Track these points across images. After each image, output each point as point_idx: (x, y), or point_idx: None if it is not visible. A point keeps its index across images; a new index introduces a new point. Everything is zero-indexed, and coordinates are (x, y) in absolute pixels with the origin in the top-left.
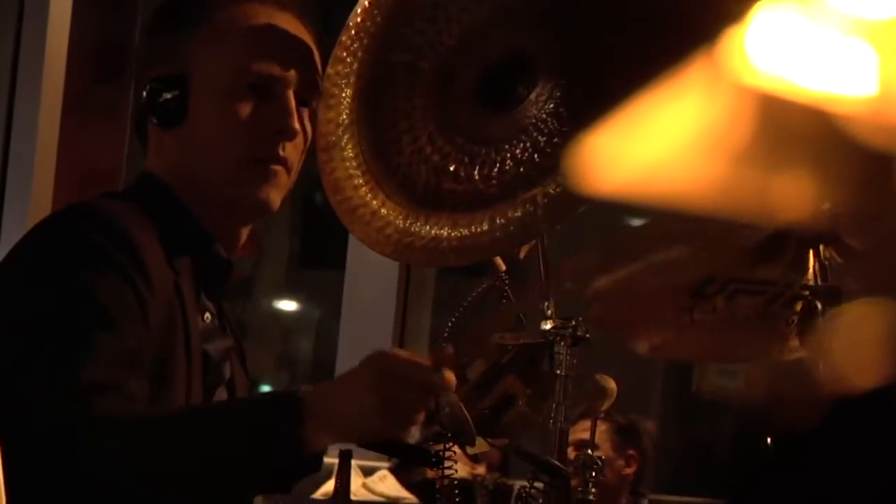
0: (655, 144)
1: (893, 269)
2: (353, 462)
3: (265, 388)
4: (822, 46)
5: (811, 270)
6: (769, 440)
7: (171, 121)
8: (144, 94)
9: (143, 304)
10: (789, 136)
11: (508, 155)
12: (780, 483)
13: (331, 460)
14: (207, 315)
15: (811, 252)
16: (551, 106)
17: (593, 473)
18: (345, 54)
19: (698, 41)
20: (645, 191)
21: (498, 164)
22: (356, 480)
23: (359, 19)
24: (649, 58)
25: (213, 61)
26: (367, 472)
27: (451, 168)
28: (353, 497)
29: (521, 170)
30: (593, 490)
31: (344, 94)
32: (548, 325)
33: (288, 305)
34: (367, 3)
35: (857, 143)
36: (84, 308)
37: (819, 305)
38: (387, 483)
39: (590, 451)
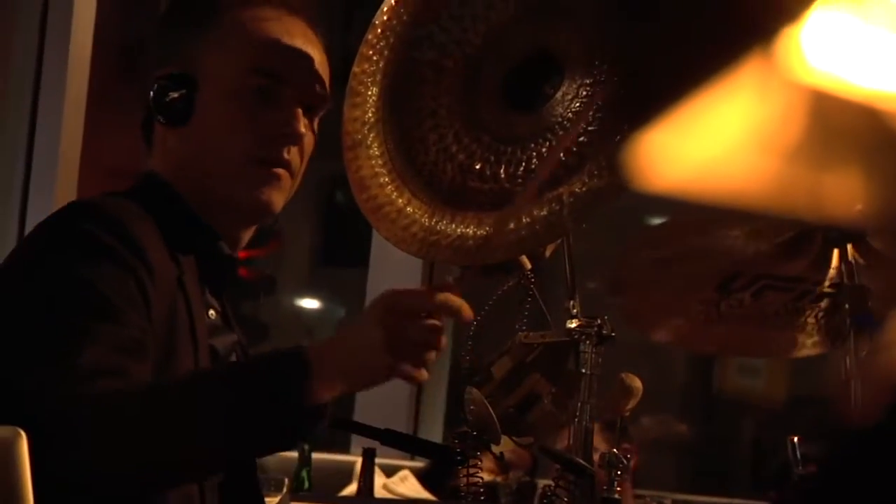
0: (710, 141)
1: None
2: (377, 462)
3: None
4: (875, 45)
5: (833, 269)
6: (795, 440)
7: (177, 120)
8: (151, 92)
9: (146, 296)
10: (841, 134)
11: (534, 154)
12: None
13: (354, 458)
14: (212, 312)
15: (836, 251)
16: (577, 105)
17: (618, 472)
18: (371, 52)
19: (753, 39)
20: (699, 187)
21: (524, 163)
22: (377, 480)
23: (385, 17)
24: (703, 55)
25: (220, 63)
26: (389, 471)
27: (477, 167)
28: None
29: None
30: (618, 488)
31: (370, 93)
32: (573, 324)
33: (310, 304)
34: (393, 1)
35: None
36: (86, 298)
37: (846, 304)
38: (408, 484)
39: (615, 450)
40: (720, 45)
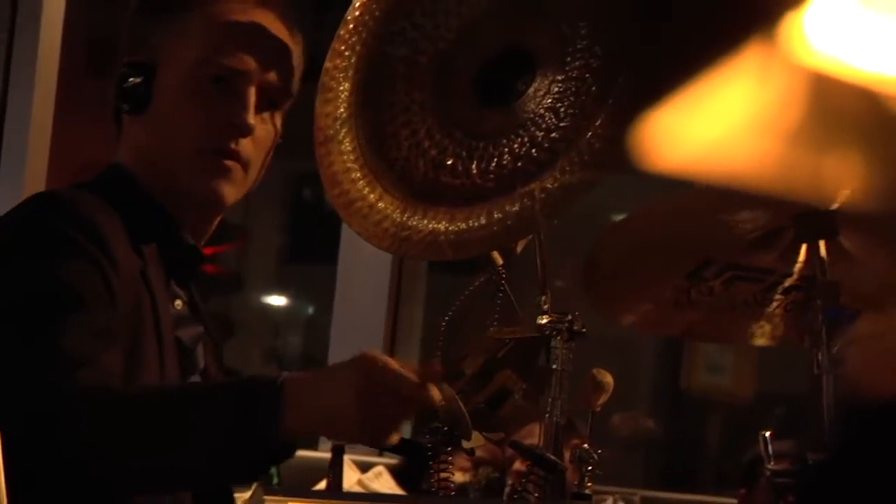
0: (712, 123)
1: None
2: (349, 457)
3: None
4: (877, 29)
5: (800, 262)
6: (767, 435)
7: (136, 107)
8: (116, 80)
9: (110, 287)
10: (841, 118)
11: (506, 149)
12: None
13: (324, 455)
14: (178, 302)
15: (805, 245)
16: (549, 101)
17: (589, 467)
18: (343, 48)
19: (755, 22)
20: (700, 168)
21: (496, 159)
22: (352, 476)
23: (357, 13)
24: (704, 39)
25: (179, 51)
26: (363, 466)
27: (449, 162)
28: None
29: (519, 164)
30: (589, 483)
31: (342, 88)
32: (544, 320)
33: (278, 301)
34: None
35: None
36: (53, 290)
37: (818, 300)
38: (382, 480)
39: (586, 445)
40: (723, 28)
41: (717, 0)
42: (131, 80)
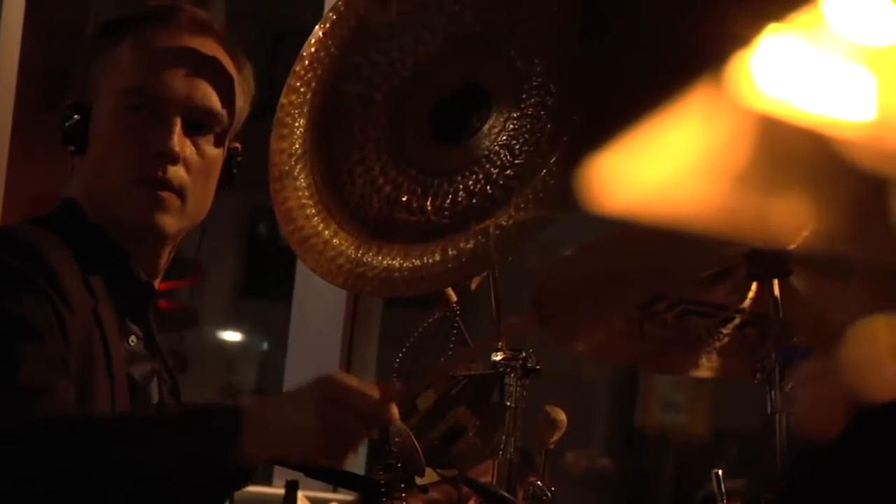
0: (658, 165)
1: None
2: (302, 493)
3: None
4: (823, 72)
5: (750, 299)
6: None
7: (78, 146)
8: (59, 120)
9: (62, 321)
10: (789, 160)
11: (461, 186)
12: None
13: (278, 491)
14: (133, 339)
15: (755, 284)
16: (504, 138)
17: None
18: (298, 84)
19: (703, 64)
20: (647, 210)
21: (451, 196)
22: None
23: (313, 49)
24: (651, 80)
25: (108, 85)
26: (317, 503)
27: (404, 199)
28: None
29: (474, 201)
30: None
31: (297, 124)
32: (498, 357)
33: (233, 336)
34: (321, 33)
35: (854, 168)
36: (5, 324)
37: (771, 338)
38: None
39: (539, 483)
40: (669, 70)
41: (666, 41)
42: (72, 118)
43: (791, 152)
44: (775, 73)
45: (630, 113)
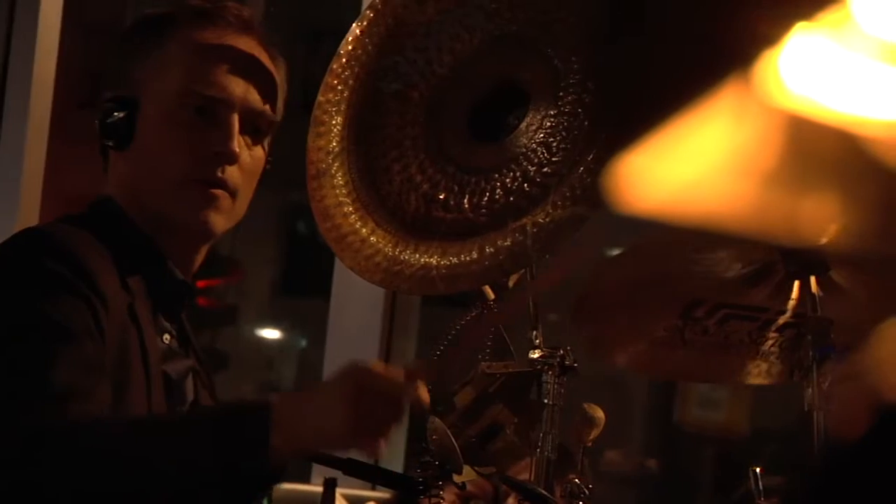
0: (688, 165)
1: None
2: (340, 492)
3: None
4: (852, 71)
5: (793, 300)
6: (757, 470)
7: (120, 142)
8: (99, 115)
9: (98, 322)
10: (817, 159)
11: (498, 184)
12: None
13: (316, 489)
14: (167, 336)
15: (797, 282)
16: (541, 136)
17: (580, 502)
18: (336, 82)
19: (732, 63)
20: (677, 210)
21: (488, 194)
22: None
23: (350, 47)
24: (680, 79)
25: (160, 84)
26: (353, 501)
27: (441, 197)
28: None
29: (511, 199)
30: None
31: (335, 122)
32: (536, 355)
33: (271, 334)
34: (358, 31)
35: (883, 167)
36: (41, 325)
37: (809, 336)
38: None
39: (577, 480)
40: (699, 69)
41: (694, 40)
42: (114, 114)
43: (819, 151)
44: (803, 72)
45: (659, 112)
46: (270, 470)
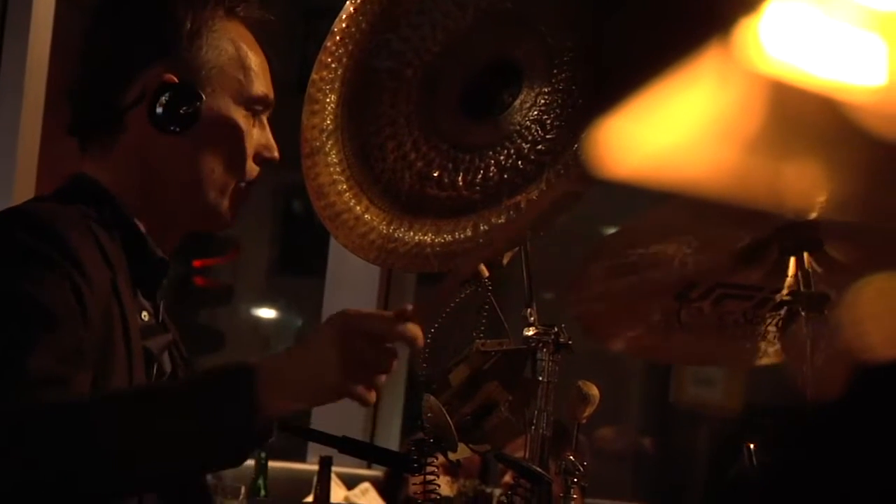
0: (670, 130)
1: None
2: (335, 471)
3: None
4: (833, 36)
5: (790, 277)
6: (752, 447)
7: (182, 126)
8: (144, 93)
9: (82, 300)
10: (799, 125)
11: (492, 161)
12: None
13: (311, 467)
14: (144, 314)
15: (793, 259)
16: (535, 113)
17: (575, 479)
18: (330, 60)
19: (712, 30)
20: (658, 176)
21: (482, 171)
22: (338, 492)
23: (344, 25)
24: (660, 46)
25: (233, 83)
26: (348, 479)
27: (435, 174)
28: None
29: (505, 176)
30: (574, 496)
31: (328, 100)
32: (530, 332)
33: (267, 313)
34: (352, 9)
35: (865, 132)
36: (24, 309)
37: (803, 312)
38: (369, 497)
39: (571, 457)
40: (679, 35)
41: (675, 7)
42: (175, 101)
43: (801, 117)
44: (785, 38)
45: (640, 79)
46: (259, 430)
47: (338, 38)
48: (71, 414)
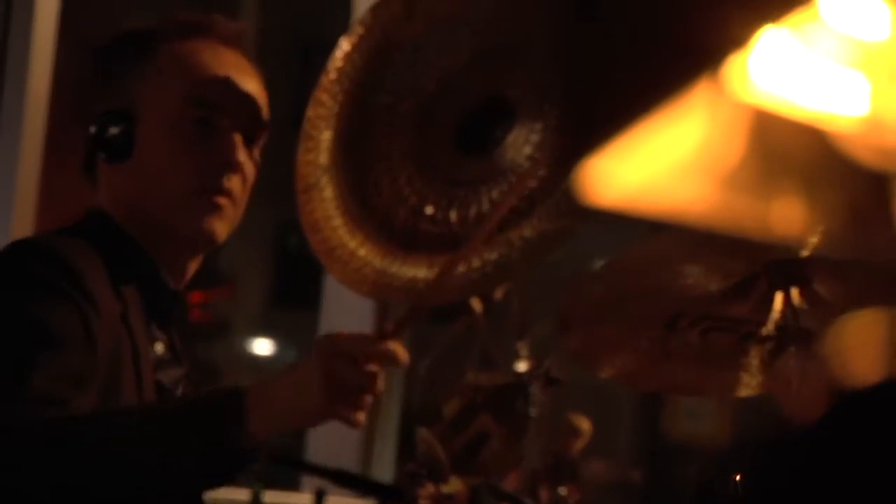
0: (656, 162)
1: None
2: (329, 502)
3: None
4: (818, 68)
5: (776, 312)
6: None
7: (118, 156)
8: (92, 129)
9: (90, 330)
10: (786, 158)
11: (485, 197)
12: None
13: (305, 498)
14: (159, 345)
15: (779, 294)
16: (528, 149)
17: None
18: (325, 96)
19: (700, 64)
20: (648, 208)
21: (475, 207)
22: None
23: (339, 63)
24: (649, 81)
25: (158, 96)
26: None
27: (429, 210)
28: None
29: None
30: None
31: (324, 136)
32: (522, 366)
33: (263, 346)
34: (347, 46)
35: (849, 163)
36: (30, 332)
37: (789, 347)
38: None
39: (562, 490)
40: (669, 70)
41: (662, 39)
42: (112, 129)
43: (789, 150)
44: (771, 71)
45: (626, 112)
46: (247, 449)
47: (333, 75)
48: (61, 429)
